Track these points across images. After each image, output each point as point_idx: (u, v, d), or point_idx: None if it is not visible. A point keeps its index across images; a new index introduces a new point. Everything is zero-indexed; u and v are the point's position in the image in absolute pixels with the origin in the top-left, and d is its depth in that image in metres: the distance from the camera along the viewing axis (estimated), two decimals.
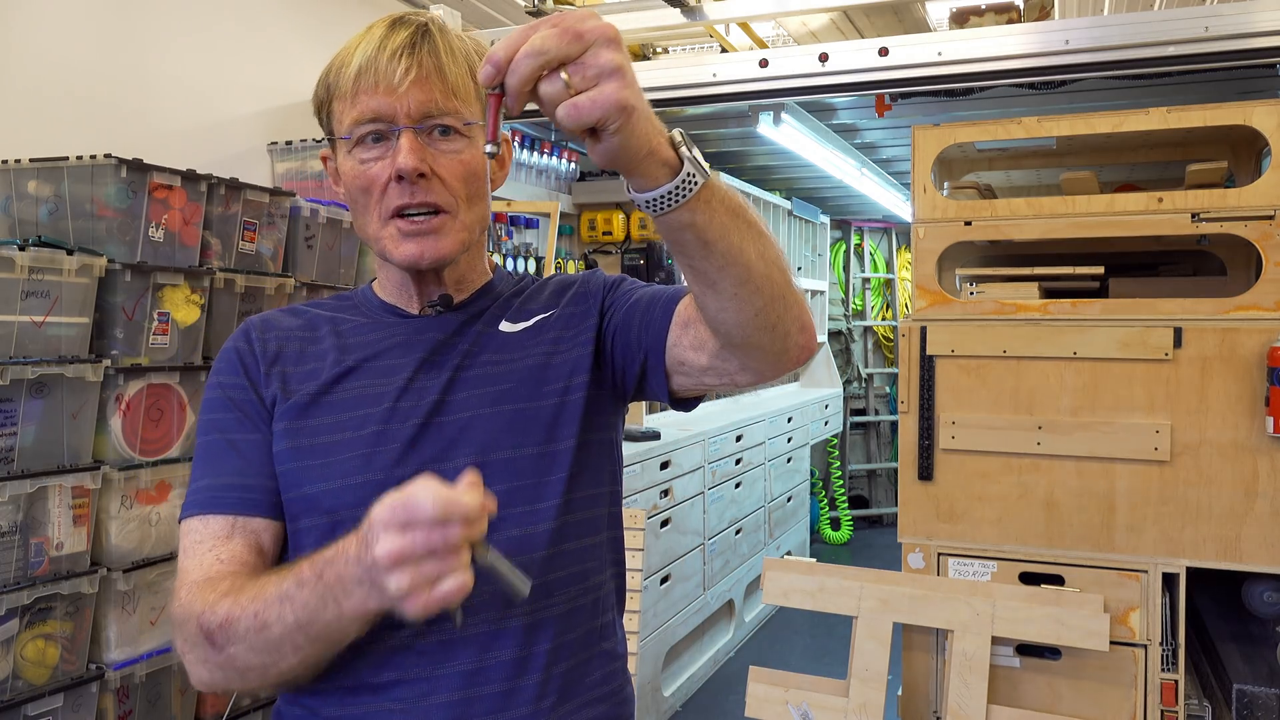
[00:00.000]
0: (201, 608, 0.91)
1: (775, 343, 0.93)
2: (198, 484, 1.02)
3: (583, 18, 0.71)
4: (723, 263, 0.84)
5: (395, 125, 0.98)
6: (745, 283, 0.86)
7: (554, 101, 0.71)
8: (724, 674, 4.06)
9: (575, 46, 0.70)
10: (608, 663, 1.07)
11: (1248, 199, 2.08)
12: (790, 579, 2.19)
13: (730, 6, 2.80)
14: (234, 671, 0.91)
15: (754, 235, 0.86)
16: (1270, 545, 2.03)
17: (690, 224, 0.81)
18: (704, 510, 3.95)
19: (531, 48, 0.70)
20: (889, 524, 6.53)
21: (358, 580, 0.81)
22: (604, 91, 0.70)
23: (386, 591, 0.78)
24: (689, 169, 0.78)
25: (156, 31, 2.78)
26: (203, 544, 0.98)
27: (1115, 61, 2.27)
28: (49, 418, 2.06)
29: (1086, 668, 2.12)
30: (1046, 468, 2.19)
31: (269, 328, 1.09)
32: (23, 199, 2.25)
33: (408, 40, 0.99)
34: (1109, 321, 2.14)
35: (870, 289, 6.88)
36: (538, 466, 1.01)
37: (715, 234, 0.82)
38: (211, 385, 1.07)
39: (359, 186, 1.01)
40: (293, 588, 0.86)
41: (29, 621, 2.02)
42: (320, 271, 2.78)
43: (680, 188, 0.78)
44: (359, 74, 0.98)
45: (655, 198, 0.78)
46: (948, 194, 2.66)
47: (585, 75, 0.71)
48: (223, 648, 0.89)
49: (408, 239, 1.00)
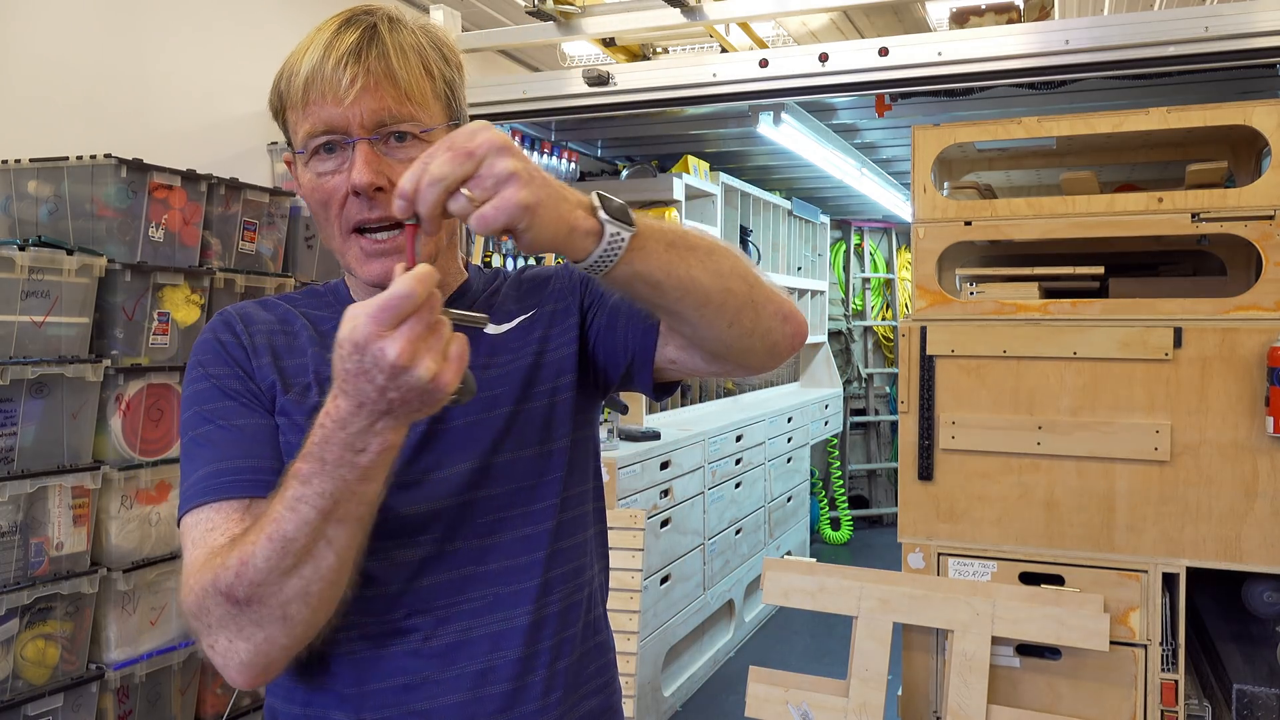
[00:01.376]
0: (212, 576, 0.84)
1: (759, 343, 0.96)
2: (198, 473, 0.95)
3: (472, 134, 0.76)
4: (678, 295, 0.88)
5: (349, 137, 0.94)
6: (706, 305, 0.89)
7: (464, 216, 0.77)
8: (724, 674, 4.06)
9: (469, 164, 0.76)
10: (601, 655, 1.10)
11: (1248, 199, 2.08)
12: (790, 579, 2.19)
13: (730, 6, 2.79)
14: (273, 620, 0.83)
15: (699, 258, 0.88)
16: (1270, 545, 2.03)
17: (633, 274, 0.84)
18: (704, 510, 3.95)
19: (431, 176, 0.75)
20: (889, 524, 6.53)
21: (366, 424, 0.77)
22: (505, 198, 0.75)
23: (412, 393, 0.75)
24: (610, 230, 0.82)
25: (156, 32, 2.78)
26: (214, 530, 0.91)
27: (1115, 61, 2.27)
28: (49, 418, 2.06)
29: (1086, 668, 2.11)
30: (1046, 468, 2.19)
31: (250, 320, 1.05)
32: (23, 199, 2.25)
33: (354, 45, 0.94)
34: (1109, 321, 2.14)
35: (870, 289, 6.88)
36: (535, 468, 1.02)
37: (660, 274, 0.86)
38: (197, 378, 1.01)
39: (317, 200, 0.98)
40: (299, 489, 0.81)
41: (29, 621, 2.02)
42: (320, 271, 2.78)
43: (609, 250, 0.82)
44: (307, 84, 0.94)
45: (590, 264, 0.82)
46: (948, 194, 2.66)
47: (484, 187, 0.76)
48: (249, 598, 0.82)
49: (372, 259, 0.97)
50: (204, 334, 1.04)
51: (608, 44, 3.32)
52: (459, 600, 0.98)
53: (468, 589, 0.98)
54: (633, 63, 3.20)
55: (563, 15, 2.92)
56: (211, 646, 0.86)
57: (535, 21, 3.06)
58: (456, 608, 0.98)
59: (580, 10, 2.93)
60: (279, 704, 1.03)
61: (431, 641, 0.97)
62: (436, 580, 0.98)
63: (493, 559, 0.99)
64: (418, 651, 0.97)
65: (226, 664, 0.86)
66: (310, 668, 0.98)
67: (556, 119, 3.49)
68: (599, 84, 2.86)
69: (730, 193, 4.31)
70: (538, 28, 3.05)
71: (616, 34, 3.09)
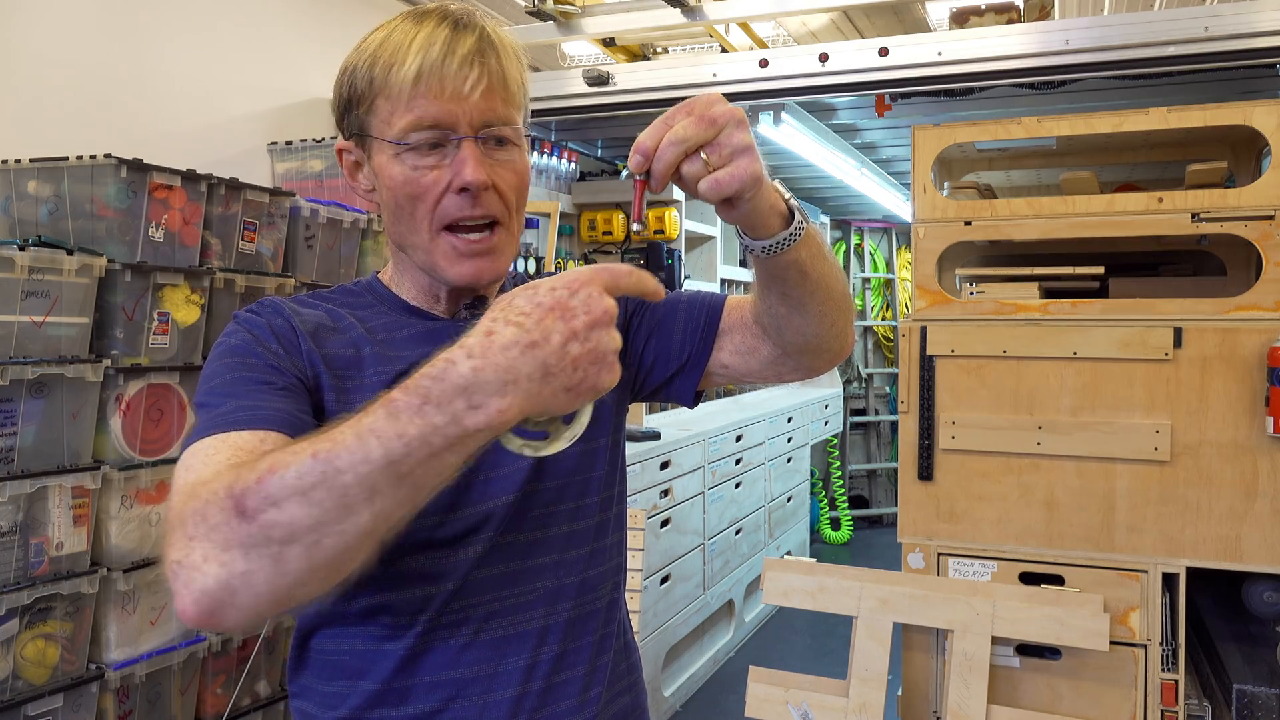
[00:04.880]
0: (231, 479, 0.70)
1: (837, 343, 1.05)
2: (219, 409, 0.86)
3: (710, 103, 0.80)
4: (813, 288, 0.96)
5: (455, 134, 0.95)
6: (828, 300, 0.98)
7: (695, 179, 0.81)
8: (724, 674, 4.06)
9: (710, 131, 0.79)
10: (631, 653, 1.12)
11: (1248, 199, 2.07)
12: (790, 579, 2.19)
13: (730, 6, 2.80)
14: (263, 554, 0.68)
15: (830, 259, 0.98)
16: (1270, 545, 2.03)
17: (795, 260, 0.92)
18: (704, 510, 3.95)
19: (674, 136, 0.79)
20: (889, 524, 6.53)
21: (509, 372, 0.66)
22: (740, 166, 0.80)
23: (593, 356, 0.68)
24: (799, 218, 0.90)
25: (156, 32, 2.78)
26: (220, 453, 0.80)
27: (1115, 61, 2.27)
28: (49, 418, 2.06)
29: (1086, 668, 2.11)
30: (1046, 468, 2.19)
31: (297, 314, 1.01)
32: (23, 199, 2.25)
33: (475, 46, 0.95)
34: (1109, 321, 2.14)
35: (870, 289, 6.88)
36: (582, 464, 1.04)
37: (809, 265, 0.94)
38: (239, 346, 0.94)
39: (408, 194, 0.96)
40: (378, 422, 0.67)
41: (29, 621, 2.02)
42: (320, 271, 2.78)
43: (792, 234, 0.90)
44: (420, 77, 0.93)
45: (773, 244, 0.90)
46: (948, 194, 2.66)
47: (721, 154, 0.80)
48: (256, 513, 0.68)
49: (465, 259, 0.98)
50: (245, 314, 0.99)
51: (608, 44, 3.32)
52: (508, 594, 0.98)
53: (518, 583, 0.98)
54: (633, 63, 3.20)
55: (563, 15, 2.92)
56: (178, 561, 0.70)
57: (535, 21, 3.06)
58: (504, 602, 0.98)
59: (580, 10, 2.93)
60: (312, 707, 1.00)
61: (481, 635, 0.96)
62: (487, 574, 0.97)
63: (542, 553, 1.00)
64: (467, 645, 0.96)
65: (187, 585, 0.70)
66: (353, 658, 0.97)
67: (556, 119, 3.49)
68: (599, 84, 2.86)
69: None
70: (538, 28, 3.06)
71: (616, 34, 3.09)
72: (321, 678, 0.99)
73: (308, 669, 1.01)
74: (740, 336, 1.08)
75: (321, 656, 0.99)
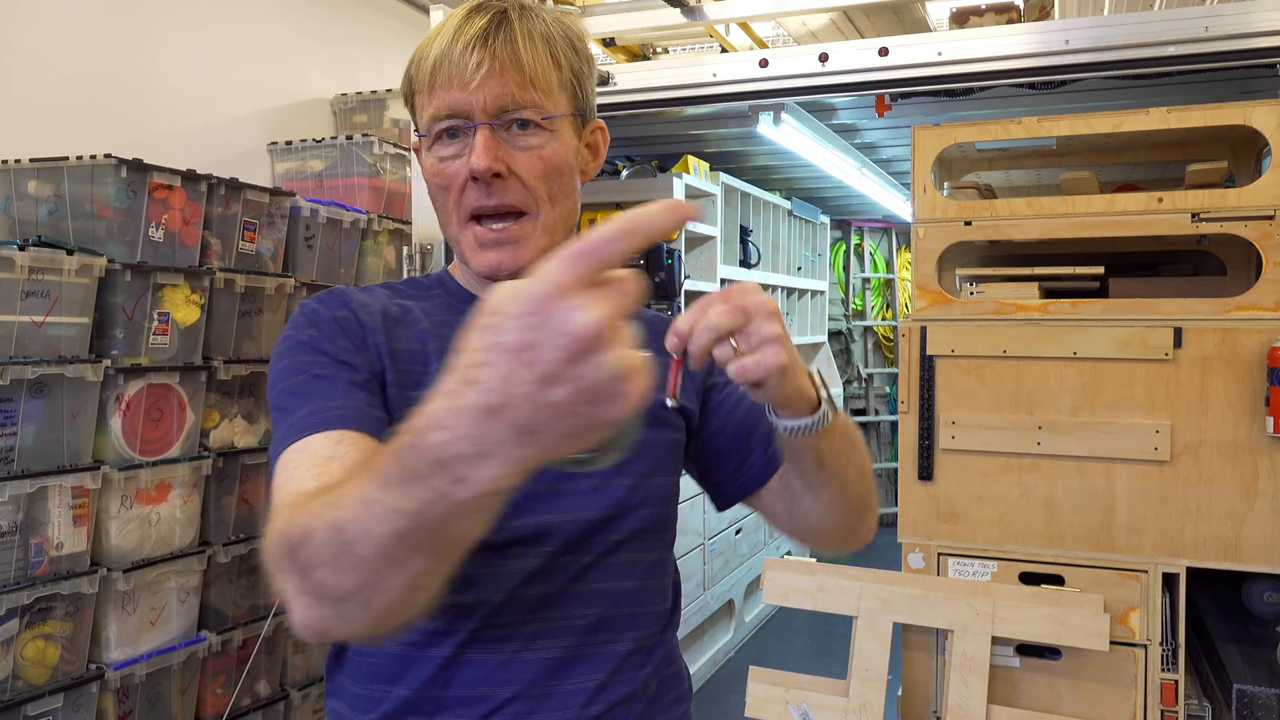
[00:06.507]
0: (287, 521, 0.70)
1: (841, 537, 1.06)
2: (296, 414, 0.87)
3: (745, 292, 0.83)
4: (828, 478, 0.97)
5: (471, 121, 0.94)
6: (841, 494, 0.99)
7: (724, 362, 0.84)
8: (724, 674, 4.06)
9: (741, 320, 0.82)
10: (682, 683, 1.10)
11: (1248, 199, 2.07)
12: (790, 579, 2.19)
13: (730, 6, 2.79)
14: (328, 603, 0.68)
15: (856, 455, 0.99)
16: (1270, 545, 2.03)
17: (815, 448, 0.93)
18: (704, 510, 3.95)
19: (708, 323, 0.81)
20: (889, 524, 6.52)
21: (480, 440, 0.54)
22: (766, 355, 0.82)
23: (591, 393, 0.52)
24: (825, 408, 0.92)
25: (156, 32, 2.78)
26: (300, 467, 0.82)
27: (1115, 61, 2.27)
28: (49, 418, 2.06)
29: (1086, 668, 2.11)
30: (1046, 468, 2.19)
31: (365, 305, 0.99)
32: (23, 199, 2.25)
33: (481, 30, 0.93)
34: (1109, 321, 2.14)
35: (870, 289, 6.88)
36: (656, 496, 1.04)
37: (829, 456, 0.95)
38: (306, 342, 0.93)
39: (438, 185, 0.98)
40: (371, 489, 0.62)
41: (29, 621, 2.02)
42: (320, 271, 2.78)
43: (816, 422, 0.91)
44: (434, 68, 0.94)
45: (796, 427, 0.91)
46: (948, 194, 2.66)
47: (750, 343, 0.83)
48: (306, 569, 0.68)
49: (486, 249, 0.97)
50: (311, 303, 0.99)
51: (608, 44, 3.32)
52: (562, 616, 0.95)
53: (570, 605, 0.96)
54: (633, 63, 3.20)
55: None
56: (283, 593, 0.72)
57: None
58: (557, 624, 0.95)
59: (580, 10, 2.93)
60: (345, 709, 0.98)
61: (523, 654, 0.94)
62: (539, 591, 0.95)
63: (601, 579, 0.98)
64: (506, 662, 0.93)
65: (291, 611, 0.72)
66: (388, 662, 0.95)
67: None
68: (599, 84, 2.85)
69: (730, 193, 4.31)
70: None
71: (616, 34, 3.09)
72: (356, 680, 0.97)
73: (343, 669, 0.99)
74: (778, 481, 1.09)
75: (357, 658, 0.97)
